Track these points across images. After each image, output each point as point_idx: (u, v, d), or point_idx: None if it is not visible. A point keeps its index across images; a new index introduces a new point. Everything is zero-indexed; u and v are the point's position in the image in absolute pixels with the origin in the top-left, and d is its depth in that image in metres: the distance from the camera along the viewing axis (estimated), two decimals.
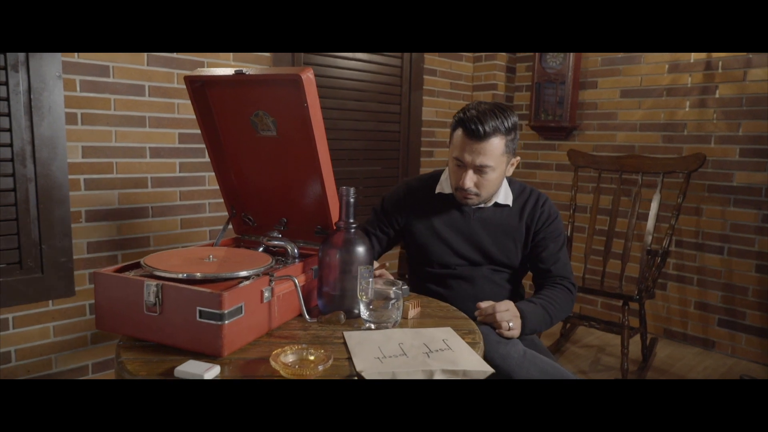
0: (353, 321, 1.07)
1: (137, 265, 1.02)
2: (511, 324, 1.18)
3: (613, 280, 2.92)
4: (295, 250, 1.11)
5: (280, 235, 1.17)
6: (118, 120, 2.14)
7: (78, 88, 2.03)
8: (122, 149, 2.17)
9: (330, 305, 1.07)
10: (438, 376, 0.84)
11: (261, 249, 1.18)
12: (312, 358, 0.86)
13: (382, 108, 3.09)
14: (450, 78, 3.42)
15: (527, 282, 1.70)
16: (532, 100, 3.45)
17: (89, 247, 2.13)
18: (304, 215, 1.23)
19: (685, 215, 2.92)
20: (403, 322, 1.08)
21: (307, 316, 1.00)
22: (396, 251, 1.68)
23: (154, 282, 0.89)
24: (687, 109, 2.90)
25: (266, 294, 0.94)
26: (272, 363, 0.82)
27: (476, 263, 1.44)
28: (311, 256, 1.13)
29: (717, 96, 2.79)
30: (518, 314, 1.23)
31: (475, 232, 1.44)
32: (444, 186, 1.50)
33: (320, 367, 0.82)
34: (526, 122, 3.53)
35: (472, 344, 0.98)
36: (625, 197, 3.08)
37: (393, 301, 1.03)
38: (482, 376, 0.85)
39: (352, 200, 1.09)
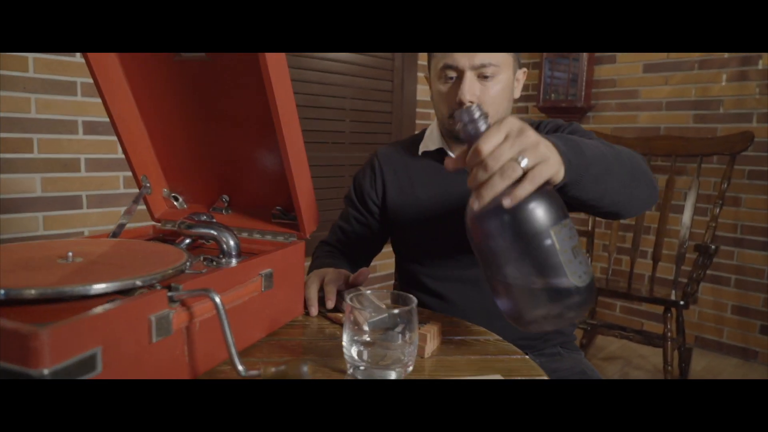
0: (328, 361, 0.63)
1: None
2: (525, 161, 0.54)
3: (639, 282, 2.52)
4: (232, 242, 0.66)
5: (213, 219, 0.74)
6: (39, 85, 1.69)
7: None
8: (45, 122, 1.72)
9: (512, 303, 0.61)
10: None
11: (186, 243, 0.75)
12: None
13: (372, 85, 2.66)
14: None
15: None
16: (540, 79, 3.04)
17: None
18: (255, 191, 0.80)
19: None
20: (418, 365, 0.65)
21: (240, 368, 0.52)
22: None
23: None
24: (723, 84, 2.51)
25: (160, 324, 0.49)
26: None
27: None
28: (265, 254, 0.69)
29: (760, 67, 2.40)
30: (537, 138, 0.57)
31: None
32: (429, 142, 1.07)
33: None
34: (533, 104, 3.13)
35: None
36: None
37: (401, 328, 0.61)
38: None
39: (481, 127, 0.58)
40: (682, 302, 1.92)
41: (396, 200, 1.07)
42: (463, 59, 0.92)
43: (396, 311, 0.59)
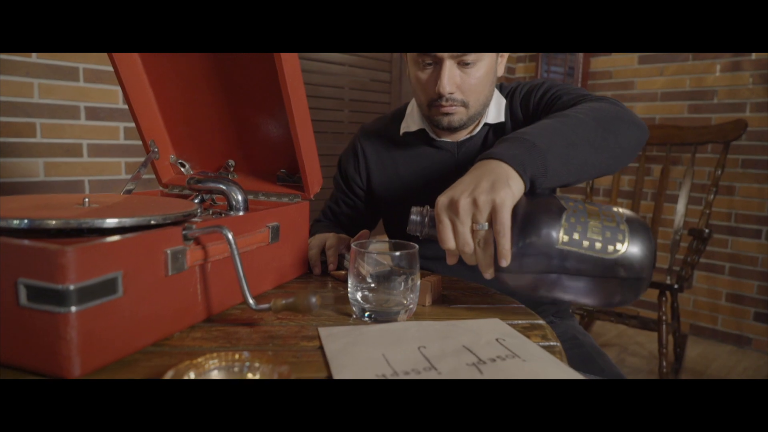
0: (333, 306, 0.66)
1: None
2: (484, 225, 0.59)
3: None
4: (240, 197, 0.69)
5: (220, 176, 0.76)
6: (42, 70, 1.71)
7: None
8: (48, 107, 1.74)
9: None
10: None
11: (198, 200, 0.77)
12: (256, 378, 0.46)
13: (370, 75, 2.69)
14: None
15: None
16: (537, 71, 3.07)
17: None
18: (260, 155, 0.82)
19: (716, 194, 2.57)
20: (419, 311, 0.67)
21: (250, 301, 0.56)
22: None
23: None
24: (717, 74, 2.54)
25: (175, 258, 0.52)
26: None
27: None
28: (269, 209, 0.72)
29: (753, 57, 2.44)
30: (470, 193, 0.60)
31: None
32: (410, 122, 1.04)
33: None
34: None
35: (549, 349, 0.54)
36: (647, 177, 2.72)
37: (404, 277, 0.63)
38: None
39: (431, 223, 0.69)
40: (676, 285, 1.95)
41: (381, 183, 1.08)
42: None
43: (398, 254, 0.62)
